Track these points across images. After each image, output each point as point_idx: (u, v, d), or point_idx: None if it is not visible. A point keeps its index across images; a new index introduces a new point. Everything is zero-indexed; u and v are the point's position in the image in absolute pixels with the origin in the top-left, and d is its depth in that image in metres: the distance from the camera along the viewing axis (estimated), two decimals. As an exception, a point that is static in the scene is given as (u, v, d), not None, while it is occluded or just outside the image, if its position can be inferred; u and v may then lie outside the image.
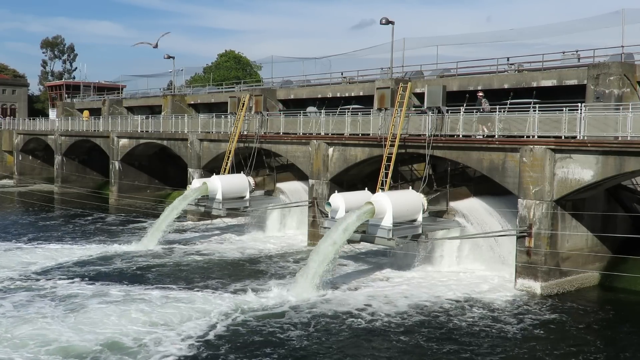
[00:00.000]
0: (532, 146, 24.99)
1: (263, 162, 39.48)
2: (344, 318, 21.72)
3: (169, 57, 59.93)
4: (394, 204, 25.37)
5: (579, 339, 20.37)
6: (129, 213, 46.48)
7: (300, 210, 36.72)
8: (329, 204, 27.00)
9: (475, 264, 28.78)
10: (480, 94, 30.47)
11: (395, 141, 29.14)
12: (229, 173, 37.68)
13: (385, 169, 28.82)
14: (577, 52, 32.19)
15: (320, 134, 34.65)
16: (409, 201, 26.62)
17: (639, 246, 26.52)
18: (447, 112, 28.52)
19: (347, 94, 41.78)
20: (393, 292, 25.09)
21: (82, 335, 19.22)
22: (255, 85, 57.95)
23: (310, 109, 42.27)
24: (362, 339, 19.83)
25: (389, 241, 25.63)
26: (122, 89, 79.25)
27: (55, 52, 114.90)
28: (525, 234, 25.23)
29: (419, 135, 29.51)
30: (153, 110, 59.84)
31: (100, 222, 43.11)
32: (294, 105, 45.31)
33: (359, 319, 21.64)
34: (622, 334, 21.06)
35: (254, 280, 26.88)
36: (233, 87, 57.53)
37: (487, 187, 29.25)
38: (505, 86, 32.97)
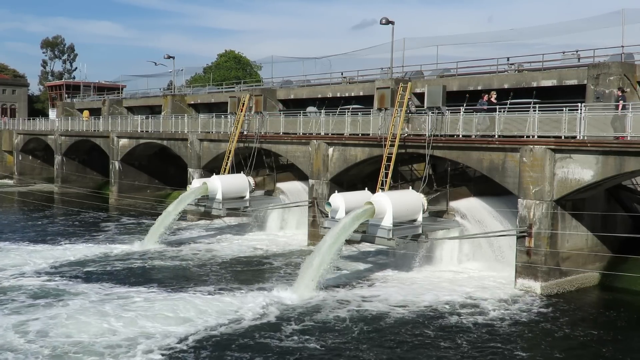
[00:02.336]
0: (532, 146, 24.99)
1: (263, 162, 39.48)
2: (343, 318, 21.69)
3: (169, 57, 60.00)
4: (394, 204, 25.37)
5: (578, 339, 20.36)
6: (128, 213, 46.49)
7: (300, 210, 36.72)
8: (329, 204, 26.99)
9: (475, 264, 28.80)
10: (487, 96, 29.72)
11: (395, 141, 29.16)
12: (229, 173, 37.69)
13: (385, 169, 28.82)
14: (577, 52, 32.19)
15: (320, 134, 34.64)
16: (409, 201, 26.62)
17: (639, 246, 26.52)
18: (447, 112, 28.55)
19: (347, 94, 41.78)
20: (393, 291, 25.06)
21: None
22: (255, 85, 57.96)
23: (310, 109, 42.26)
24: (361, 339, 19.80)
25: (389, 241, 25.63)
26: (122, 89, 79.30)
27: (55, 52, 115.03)
28: (525, 234, 25.22)
29: (419, 135, 29.51)
30: (153, 110, 59.85)
31: (99, 222, 43.09)
32: (294, 105, 45.31)
33: (358, 319, 21.62)
34: (622, 334, 21.03)
35: (253, 281, 26.85)
36: (233, 87, 57.53)
37: (487, 187, 29.25)
38: (505, 86, 32.96)
